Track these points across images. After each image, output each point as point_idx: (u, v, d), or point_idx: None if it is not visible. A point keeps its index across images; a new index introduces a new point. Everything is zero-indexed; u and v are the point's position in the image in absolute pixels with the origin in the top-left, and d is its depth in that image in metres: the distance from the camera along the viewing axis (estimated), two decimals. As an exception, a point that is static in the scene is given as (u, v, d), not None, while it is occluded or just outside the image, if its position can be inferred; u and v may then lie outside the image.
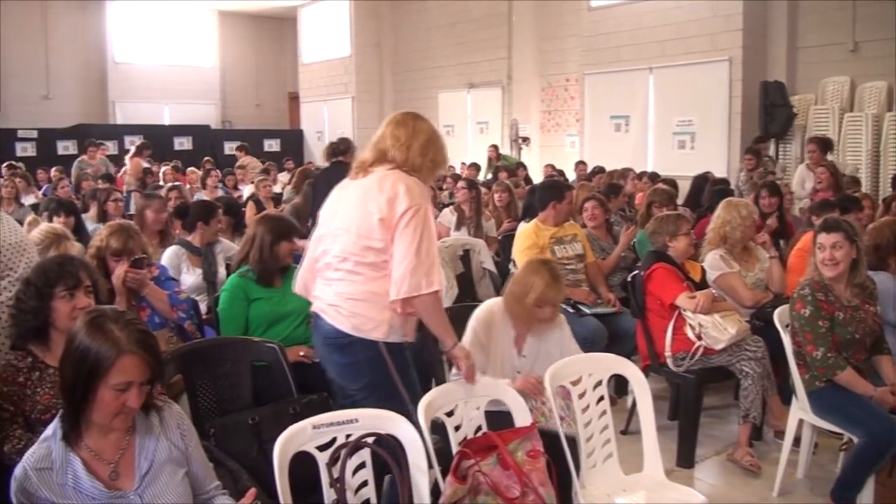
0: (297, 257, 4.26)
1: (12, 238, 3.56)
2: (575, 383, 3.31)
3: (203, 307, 5.04)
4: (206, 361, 3.62)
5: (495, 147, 14.46)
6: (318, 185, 7.70)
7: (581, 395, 3.30)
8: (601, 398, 3.37)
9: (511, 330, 3.76)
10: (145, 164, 12.79)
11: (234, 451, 3.11)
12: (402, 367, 3.12)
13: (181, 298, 4.32)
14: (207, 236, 5.54)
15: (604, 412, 3.36)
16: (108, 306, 2.45)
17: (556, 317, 3.84)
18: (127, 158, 13.08)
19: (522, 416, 3.02)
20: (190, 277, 5.35)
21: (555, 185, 6.29)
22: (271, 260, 4.33)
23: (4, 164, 11.90)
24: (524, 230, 5.83)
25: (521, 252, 5.62)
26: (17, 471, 2.17)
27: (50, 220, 6.10)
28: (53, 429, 2.24)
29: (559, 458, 3.02)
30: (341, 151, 7.85)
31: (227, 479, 2.68)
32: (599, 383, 3.39)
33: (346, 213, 3.17)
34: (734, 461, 4.51)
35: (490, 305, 3.83)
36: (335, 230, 3.18)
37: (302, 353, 4.14)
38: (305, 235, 4.56)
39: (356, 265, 3.09)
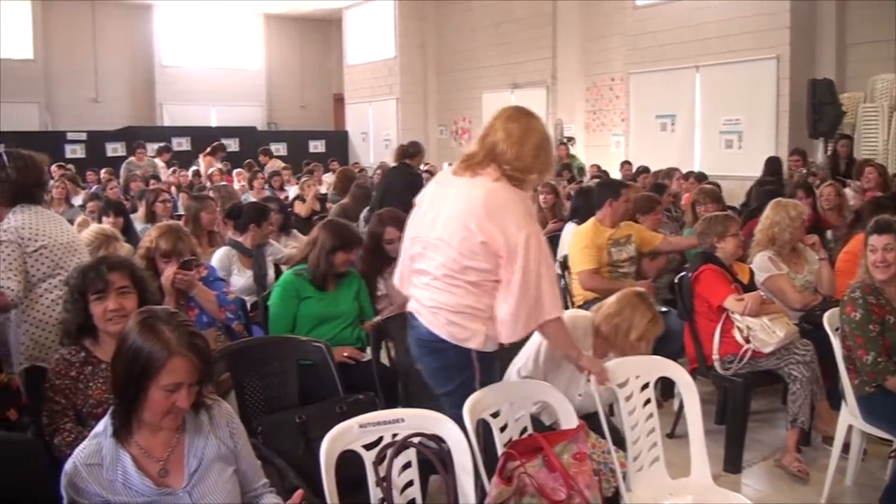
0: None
1: (64, 238, 3.66)
2: (622, 385, 3.28)
3: (250, 305, 5.10)
4: (254, 360, 3.66)
5: (565, 146, 14.36)
6: (385, 185, 8.05)
7: (628, 398, 3.27)
8: (648, 401, 3.34)
9: (590, 349, 3.62)
10: (218, 165, 13.01)
11: (281, 449, 3.13)
12: (489, 375, 3.09)
13: (229, 299, 4.37)
14: (258, 238, 5.59)
15: (650, 415, 3.32)
16: (161, 307, 2.49)
17: None
18: (200, 157, 13.37)
19: (568, 419, 3.01)
20: (240, 279, 5.41)
21: (611, 183, 6.26)
22: (326, 266, 4.37)
23: (54, 166, 12.15)
24: (582, 229, 5.75)
25: (579, 252, 5.53)
26: (68, 465, 2.21)
27: (99, 219, 6.21)
28: (104, 425, 2.28)
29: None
30: (410, 154, 8.24)
31: (275, 477, 2.70)
32: (647, 386, 3.35)
33: (447, 223, 3.03)
34: (782, 467, 4.45)
35: (574, 317, 3.67)
36: (436, 240, 3.06)
37: (346, 354, 4.18)
38: (361, 239, 4.64)
39: (456, 280, 3.01)
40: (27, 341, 3.58)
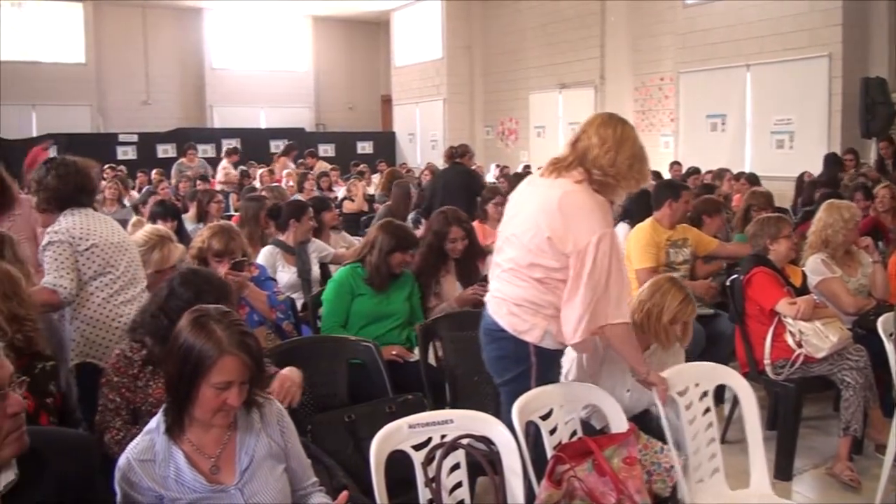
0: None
1: (114, 238, 3.73)
2: (681, 394, 3.22)
3: (299, 304, 5.15)
4: (304, 359, 3.69)
5: None
6: (437, 184, 8.33)
7: (688, 407, 3.21)
8: (707, 409, 3.28)
9: None
10: (291, 165, 13.19)
11: (330, 448, 3.17)
12: (547, 374, 3.10)
13: (280, 299, 4.42)
14: (300, 234, 5.66)
15: (710, 424, 3.27)
16: (213, 305, 2.52)
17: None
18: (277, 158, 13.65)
19: (618, 423, 2.99)
20: (285, 275, 5.48)
21: (671, 184, 6.21)
22: (383, 266, 4.40)
23: (106, 166, 12.37)
24: (641, 228, 5.67)
25: (638, 250, 5.46)
26: (121, 461, 2.25)
27: (153, 220, 6.31)
28: (157, 422, 2.31)
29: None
30: (459, 154, 8.65)
31: (323, 476, 2.72)
32: (705, 394, 3.30)
33: (522, 220, 3.11)
34: (833, 475, 4.36)
35: None
36: (510, 235, 3.15)
37: (395, 353, 4.19)
38: (417, 243, 4.67)
39: (521, 274, 3.06)
40: (78, 338, 3.64)
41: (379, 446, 2.53)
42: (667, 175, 11.87)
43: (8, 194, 4.14)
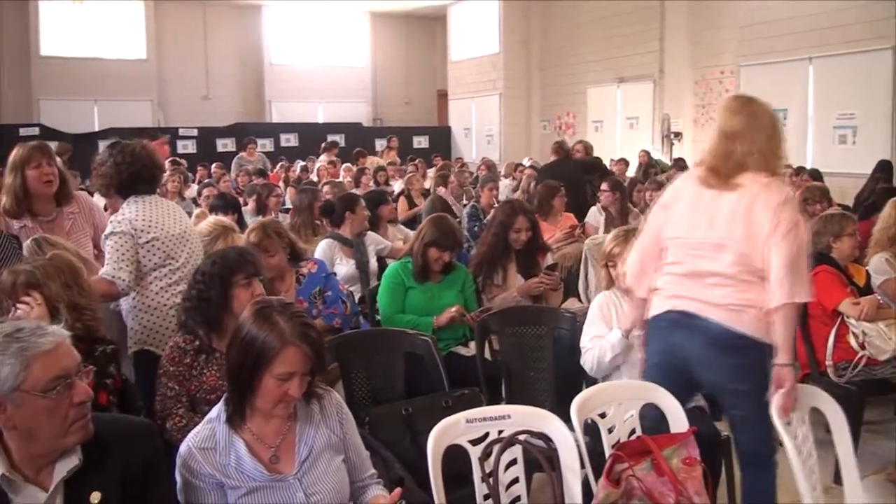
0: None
1: (176, 229, 3.76)
2: None
3: (356, 298, 5.19)
4: (362, 351, 3.74)
5: (647, 152, 14.13)
6: (542, 179, 8.26)
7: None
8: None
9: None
10: (332, 159, 13.33)
11: (386, 440, 3.20)
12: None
13: (344, 293, 4.46)
14: (356, 225, 5.70)
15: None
16: (276, 297, 2.55)
17: None
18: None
19: (678, 422, 2.95)
20: (343, 268, 5.53)
21: None
22: (420, 257, 4.44)
23: (168, 160, 12.58)
24: None
25: None
26: (182, 448, 2.30)
27: (213, 212, 6.40)
28: (218, 411, 2.36)
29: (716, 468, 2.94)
30: (566, 151, 8.99)
31: (380, 467, 2.74)
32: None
33: (732, 224, 3.08)
34: (893, 481, 4.24)
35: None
36: (721, 240, 3.10)
37: (454, 311, 4.26)
38: (461, 244, 4.69)
39: (753, 277, 3.06)
40: (137, 326, 3.71)
41: (436, 440, 2.54)
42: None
43: (66, 188, 4.20)
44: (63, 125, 17.33)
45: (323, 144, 14.63)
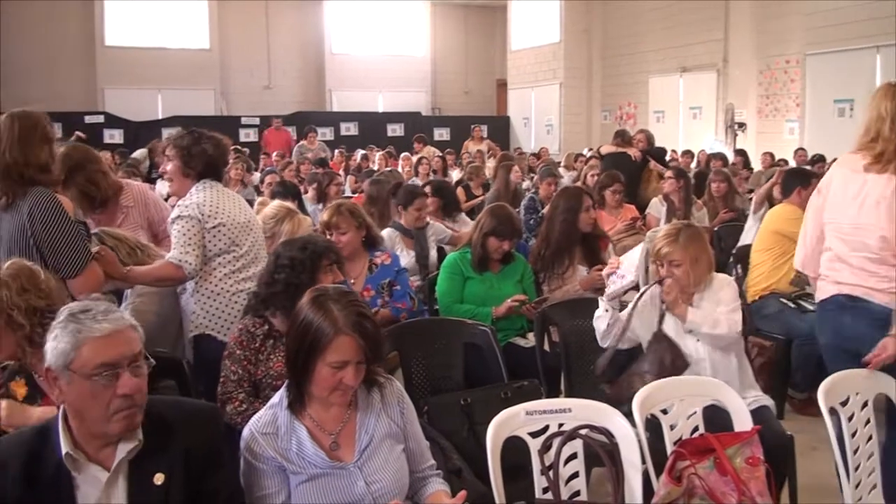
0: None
1: (241, 218, 3.81)
2: (843, 404, 3.01)
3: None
4: (421, 340, 3.75)
5: (703, 152, 13.88)
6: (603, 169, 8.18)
7: (850, 418, 2.97)
8: (868, 421, 3.04)
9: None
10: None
11: (445, 429, 3.19)
12: None
13: (412, 289, 4.48)
14: (410, 221, 5.69)
15: (870, 437, 3.03)
16: (333, 285, 2.55)
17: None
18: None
19: (742, 420, 2.89)
20: (403, 259, 5.52)
21: (801, 172, 6.05)
22: (479, 247, 4.42)
23: (230, 148, 12.70)
24: (783, 206, 5.50)
25: (787, 221, 5.25)
26: (245, 432, 2.33)
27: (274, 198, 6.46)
28: (280, 397, 2.37)
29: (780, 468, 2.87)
30: (627, 141, 8.81)
31: (438, 457, 2.74)
32: (865, 404, 3.07)
33: (874, 210, 3.21)
34: None
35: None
36: (868, 223, 3.23)
37: (514, 299, 4.24)
38: (521, 232, 4.65)
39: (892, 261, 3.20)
40: (198, 310, 3.73)
41: (496, 431, 2.53)
42: (792, 163, 11.45)
43: (102, 187, 4.19)
44: (127, 113, 17.79)
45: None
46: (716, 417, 2.95)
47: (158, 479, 2.04)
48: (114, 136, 17.17)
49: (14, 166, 3.18)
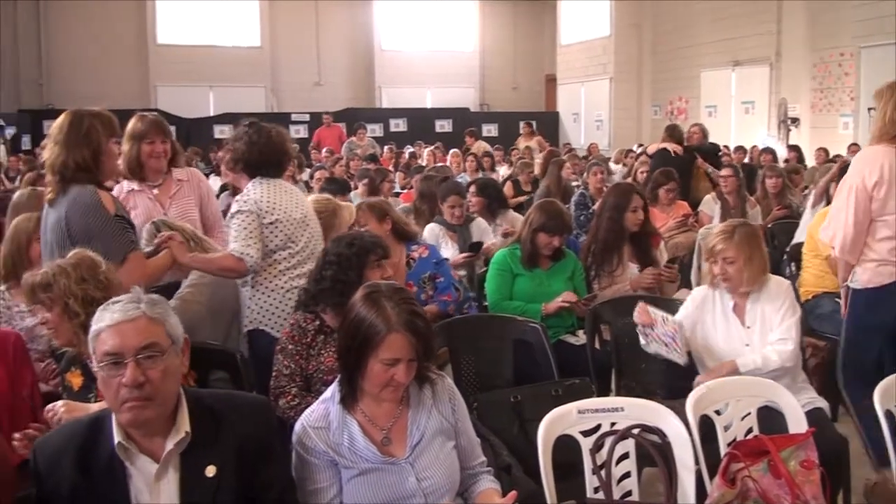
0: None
1: (297, 213, 3.83)
2: None
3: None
4: (470, 336, 3.74)
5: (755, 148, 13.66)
6: (653, 168, 8.09)
7: None
8: None
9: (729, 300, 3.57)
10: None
11: (494, 426, 3.17)
12: None
13: (455, 279, 4.47)
14: (451, 216, 5.69)
15: None
16: (386, 282, 2.56)
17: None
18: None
19: (797, 422, 2.84)
20: (448, 252, 5.53)
21: None
22: (528, 243, 4.40)
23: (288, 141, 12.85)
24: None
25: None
26: (297, 426, 2.36)
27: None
28: (332, 391, 2.39)
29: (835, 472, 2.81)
30: (676, 137, 8.60)
31: (488, 454, 2.72)
32: None
33: None
34: None
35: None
36: None
37: (565, 297, 4.22)
38: (570, 228, 4.64)
39: None
40: (253, 306, 3.77)
41: (547, 430, 2.53)
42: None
43: (176, 159, 4.34)
44: (179, 110, 18.05)
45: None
46: (770, 418, 2.92)
47: (210, 471, 2.06)
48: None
49: (58, 164, 3.28)
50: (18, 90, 18.74)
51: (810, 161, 12.03)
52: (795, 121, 14.55)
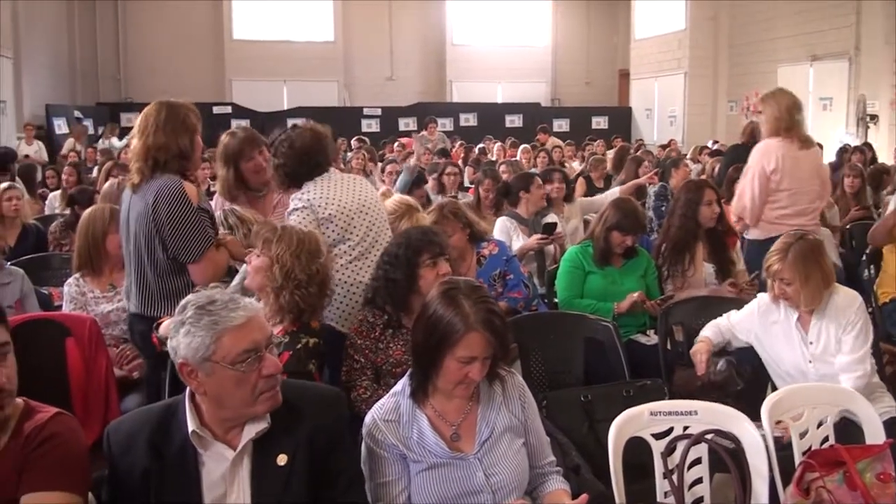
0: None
1: (353, 204, 3.79)
2: None
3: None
4: (541, 333, 3.74)
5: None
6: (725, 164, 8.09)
7: None
8: None
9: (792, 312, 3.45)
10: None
11: (563, 425, 3.17)
12: None
13: (525, 275, 4.46)
14: (532, 204, 5.67)
15: None
16: (464, 279, 2.57)
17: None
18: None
19: (875, 433, 2.77)
20: (519, 244, 5.52)
21: None
22: (601, 240, 4.37)
23: (354, 138, 13.06)
24: None
25: None
26: (367, 419, 2.39)
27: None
28: (402, 385, 2.42)
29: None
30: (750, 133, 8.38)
31: (556, 452, 2.72)
32: None
33: None
34: None
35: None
36: None
37: (637, 295, 4.20)
38: (644, 228, 4.61)
39: None
40: (317, 301, 3.82)
41: (618, 431, 2.51)
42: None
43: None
44: (253, 104, 18.43)
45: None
46: (846, 428, 2.85)
47: (281, 459, 2.10)
48: (241, 126, 17.70)
49: (153, 150, 3.32)
50: (97, 85, 19.35)
51: (884, 159, 11.60)
52: (874, 118, 14.11)
